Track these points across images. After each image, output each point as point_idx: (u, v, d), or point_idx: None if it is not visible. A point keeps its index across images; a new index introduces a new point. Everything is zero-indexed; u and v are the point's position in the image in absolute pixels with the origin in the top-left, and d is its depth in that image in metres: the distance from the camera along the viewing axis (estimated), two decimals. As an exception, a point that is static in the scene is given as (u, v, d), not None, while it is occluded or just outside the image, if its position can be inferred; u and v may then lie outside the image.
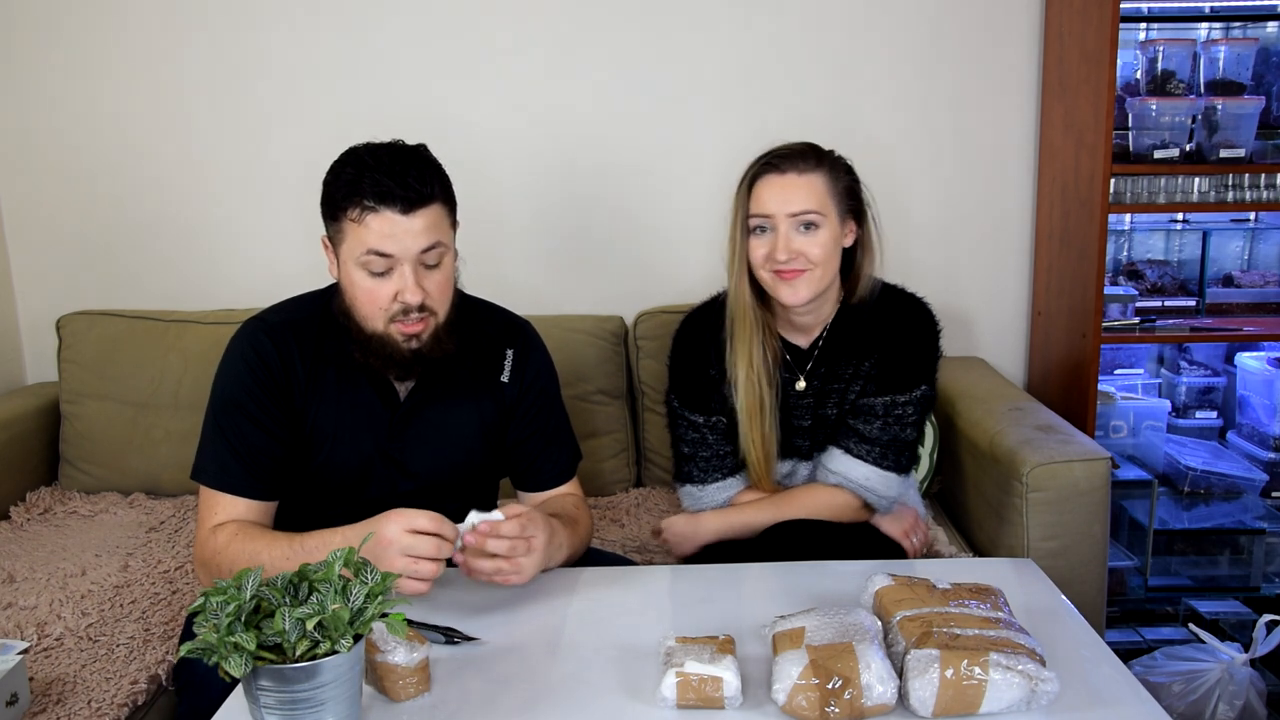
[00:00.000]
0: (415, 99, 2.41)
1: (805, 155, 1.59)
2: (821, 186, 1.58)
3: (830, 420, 1.69)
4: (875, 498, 1.65)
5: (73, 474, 2.34)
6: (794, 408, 1.69)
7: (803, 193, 1.56)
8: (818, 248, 1.57)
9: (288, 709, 0.98)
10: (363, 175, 1.35)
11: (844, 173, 1.62)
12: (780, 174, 1.58)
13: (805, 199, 1.56)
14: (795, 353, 1.69)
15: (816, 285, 1.59)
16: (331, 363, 1.48)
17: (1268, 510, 2.31)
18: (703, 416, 1.68)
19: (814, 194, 1.57)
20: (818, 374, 1.68)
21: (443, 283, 1.43)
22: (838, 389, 1.68)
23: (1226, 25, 2.37)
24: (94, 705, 1.47)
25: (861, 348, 1.67)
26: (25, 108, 2.45)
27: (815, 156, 1.59)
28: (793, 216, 1.56)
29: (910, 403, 1.64)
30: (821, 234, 1.57)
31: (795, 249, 1.56)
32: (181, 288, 2.50)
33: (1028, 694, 1.05)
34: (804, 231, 1.57)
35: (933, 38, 2.40)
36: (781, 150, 1.60)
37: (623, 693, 1.13)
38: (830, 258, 1.59)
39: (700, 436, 1.69)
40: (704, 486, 1.70)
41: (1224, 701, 1.85)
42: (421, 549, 1.25)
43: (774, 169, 1.58)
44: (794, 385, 1.68)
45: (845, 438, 1.66)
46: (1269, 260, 2.51)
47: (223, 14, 2.40)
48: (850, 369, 1.67)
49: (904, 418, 1.64)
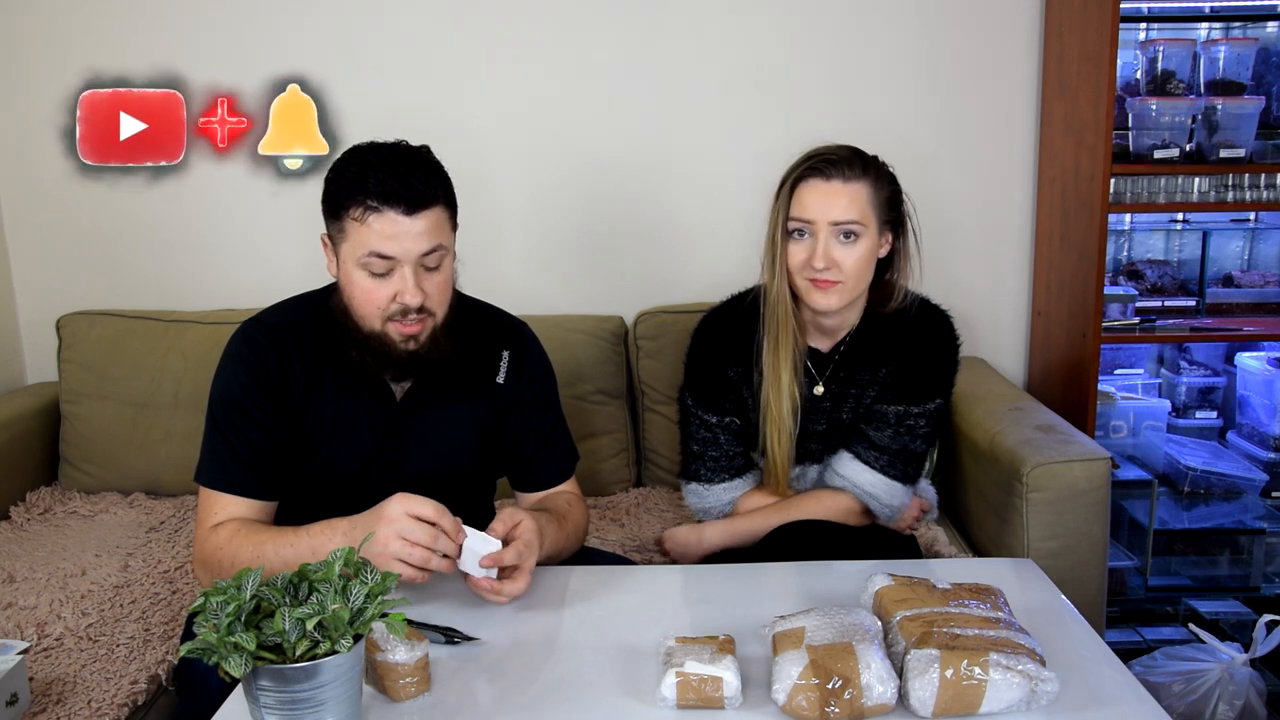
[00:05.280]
0: (416, 99, 2.41)
1: (851, 162, 1.54)
2: (864, 196, 1.54)
3: (844, 424, 1.68)
4: (879, 505, 1.64)
5: (73, 474, 2.34)
6: (810, 411, 1.67)
7: (845, 200, 1.52)
8: (854, 260, 1.53)
9: (288, 709, 0.98)
10: (367, 174, 1.35)
11: (887, 182, 1.58)
12: (825, 179, 1.53)
13: (848, 208, 1.52)
14: (815, 357, 1.67)
15: (848, 296, 1.56)
16: (329, 364, 1.48)
17: (1268, 510, 2.31)
18: (716, 416, 1.67)
19: (856, 203, 1.53)
20: (836, 378, 1.67)
21: (442, 285, 1.43)
22: (854, 394, 1.66)
23: (1226, 25, 2.37)
24: (94, 705, 1.47)
25: (881, 355, 1.65)
26: (25, 108, 2.45)
27: (861, 164, 1.55)
28: (834, 225, 1.52)
29: (923, 415, 1.63)
30: (860, 245, 1.54)
31: (833, 258, 1.52)
32: (181, 288, 2.50)
33: (1028, 694, 1.05)
34: (844, 241, 1.53)
35: (932, 38, 2.40)
36: (827, 154, 1.55)
37: (623, 693, 1.13)
38: (865, 271, 1.56)
39: (712, 436, 1.68)
40: (710, 486, 1.69)
41: (1224, 701, 1.85)
42: (418, 535, 1.25)
43: (819, 174, 1.54)
44: (813, 389, 1.67)
45: (856, 442, 1.65)
46: (1269, 260, 2.51)
47: (224, 13, 2.40)
48: (867, 375, 1.66)
49: (915, 429, 1.63)
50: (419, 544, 1.26)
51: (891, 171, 1.60)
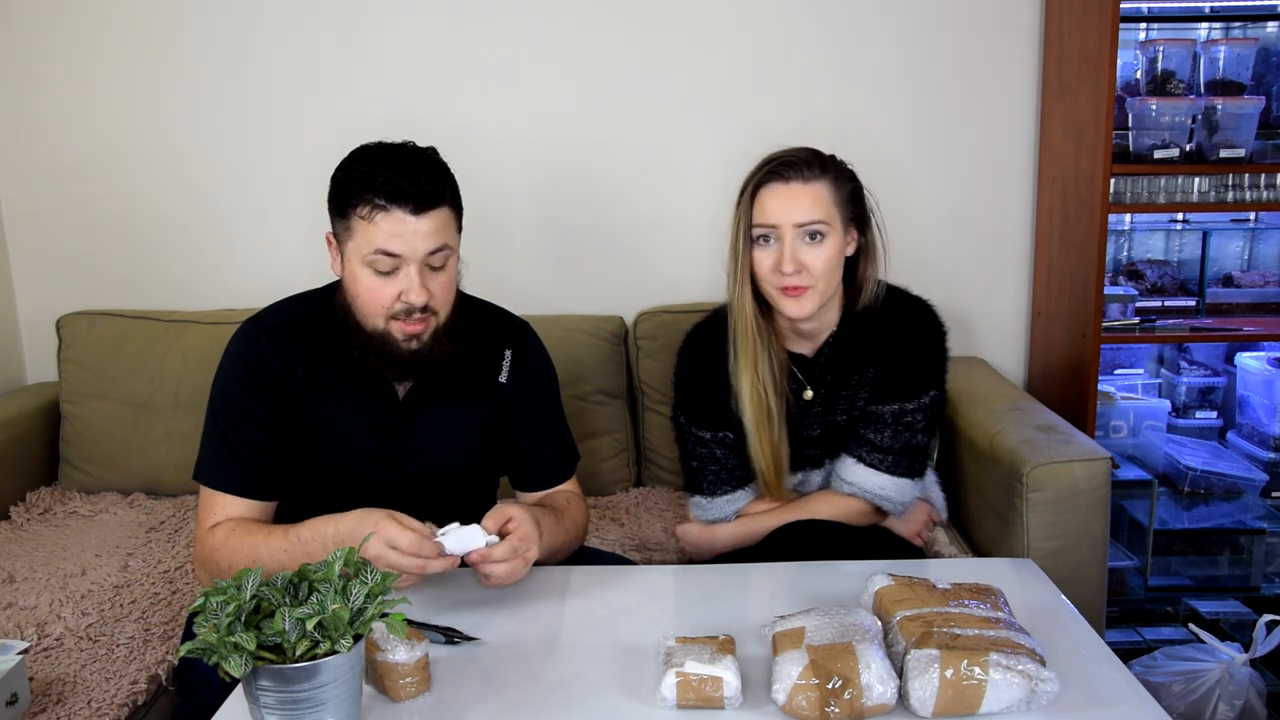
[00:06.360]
0: (416, 101, 2.41)
1: (810, 163, 1.54)
2: (827, 195, 1.54)
3: (840, 427, 1.67)
4: (890, 504, 1.64)
5: (73, 474, 2.34)
6: (803, 417, 1.66)
7: (808, 202, 1.52)
8: (822, 260, 1.53)
9: (288, 709, 0.98)
10: (375, 173, 1.35)
11: (847, 180, 1.59)
12: (785, 182, 1.53)
13: (811, 209, 1.52)
14: (801, 362, 1.67)
15: (820, 299, 1.56)
16: (331, 362, 1.48)
17: (1268, 510, 2.32)
18: (709, 432, 1.66)
19: (819, 204, 1.53)
20: (825, 382, 1.66)
21: (446, 284, 1.43)
22: (846, 395, 1.66)
23: (1226, 25, 2.37)
24: (94, 705, 1.47)
25: (867, 354, 1.64)
26: (25, 108, 2.45)
27: (819, 164, 1.55)
28: (799, 227, 1.52)
29: (919, 409, 1.62)
30: (827, 245, 1.54)
31: (801, 260, 1.52)
32: (181, 288, 2.50)
33: (1028, 694, 1.05)
34: (810, 242, 1.53)
35: (932, 38, 2.39)
36: (785, 157, 1.55)
37: (623, 693, 1.13)
38: (834, 270, 1.56)
39: (708, 452, 1.67)
40: (714, 499, 1.68)
41: (1224, 701, 1.85)
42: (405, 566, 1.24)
43: (778, 177, 1.54)
44: (802, 395, 1.66)
45: (858, 447, 1.64)
46: (1269, 260, 2.51)
47: (224, 15, 2.40)
48: (856, 375, 1.65)
49: (914, 424, 1.62)
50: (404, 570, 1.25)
51: (850, 169, 1.60)
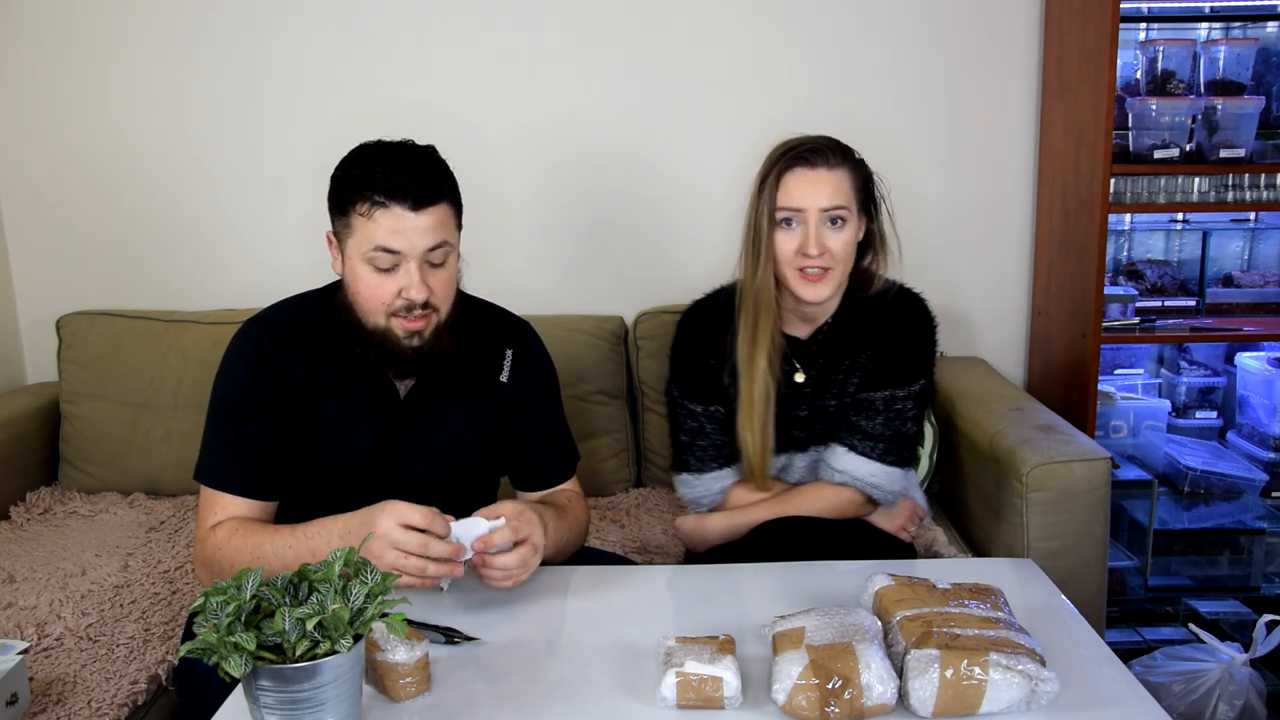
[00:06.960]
0: (416, 99, 2.41)
1: (834, 150, 1.60)
2: (847, 182, 1.60)
3: (828, 411, 1.69)
4: (880, 493, 1.66)
5: (73, 474, 2.34)
6: (792, 399, 1.69)
7: (831, 187, 1.58)
8: (842, 245, 1.59)
9: (288, 709, 0.98)
10: (375, 170, 1.36)
11: (862, 169, 1.64)
12: (811, 168, 1.58)
13: (834, 194, 1.58)
14: (794, 344, 1.70)
15: (837, 283, 1.61)
16: (332, 362, 1.49)
17: (1268, 510, 2.31)
18: (701, 405, 1.69)
19: (842, 189, 1.59)
20: (817, 365, 1.69)
21: (447, 281, 1.44)
22: (837, 380, 1.69)
23: (1226, 25, 2.37)
24: (94, 705, 1.47)
25: (860, 340, 1.68)
26: (26, 109, 2.45)
27: (841, 152, 1.61)
28: (824, 211, 1.58)
29: (909, 397, 1.66)
30: (847, 230, 1.60)
31: (825, 244, 1.58)
32: (181, 288, 2.50)
33: (1028, 694, 1.05)
34: (832, 227, 1.59)
35: (932, 38, 2.40)
36: (809, 144, 1.60)
37: (623, 693, 1.13)
38: (850, 255, 1.62)
39: (698, 425, 1.70)
40: (700, 475, 1.70)
41: (1224, 701, 1.85)
42: (410, 545, 1.25)
43: (805, 162, 1.59)
44: (794, 377, 1.69)
45: (848, 435, 1.66)
46: (1269, 260, 2.51)
47: (224, 14, 2.40)
48: (848, 360, 1.68)
49: (904, 412, 1.66)
50: (412, 553, 1.25)
51: (862, 158, 1.65)
